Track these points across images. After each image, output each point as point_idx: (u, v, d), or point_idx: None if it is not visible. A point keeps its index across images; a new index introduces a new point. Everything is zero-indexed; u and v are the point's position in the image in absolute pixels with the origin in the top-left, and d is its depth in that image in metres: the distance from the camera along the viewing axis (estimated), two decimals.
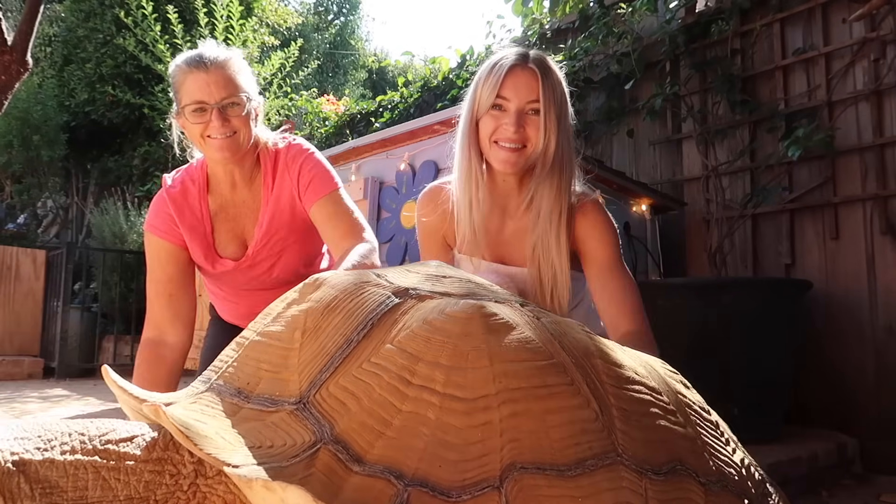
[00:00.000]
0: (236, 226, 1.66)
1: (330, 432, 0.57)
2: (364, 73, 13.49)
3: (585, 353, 0.68)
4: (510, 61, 1.34)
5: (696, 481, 0.65)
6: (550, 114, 1.31)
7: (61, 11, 7.58)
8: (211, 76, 1.49)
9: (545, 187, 1.35)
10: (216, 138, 1.51)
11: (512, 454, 0.55)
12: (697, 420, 0.75)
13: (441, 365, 0.59)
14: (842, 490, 2.07)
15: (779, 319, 2.14)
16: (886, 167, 2.39)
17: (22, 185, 7.27)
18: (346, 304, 0.69)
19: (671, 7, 2.97)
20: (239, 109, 1.52)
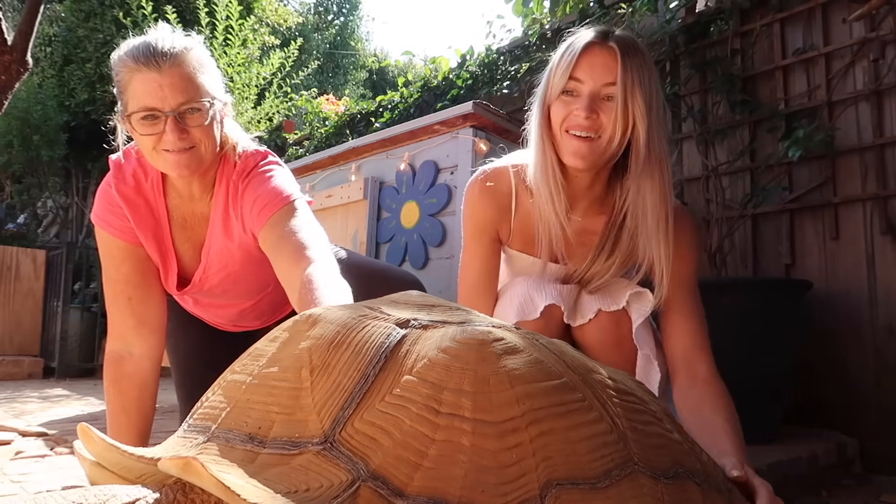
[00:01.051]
0: (193, 234, 1.44)
1: (366, 469, 0.56)
2: (364, 73, 13.50)
3: (586, 370, 0.70)
4: (586, 39, 1.17)
5: (694, 482, 0.68)
6: (634, 98, 1.13)
7: (61, 11, 7.57)
8: (165, 77, 1.20)
9: (646, 184, 1.17)
10: (172, 152, 1.24)
11: (547, 472, 0.57)
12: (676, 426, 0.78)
13: (466, 391, 0.60)
14: (842, 490, 2.07)
15: (779, 319, 2.13)
16: (886, 167, 2.39)
17: (22, 185, 7.27)
18: (352, 338, 0.67)
19: (671, 7, 2.97)
20: (200, 117, 1.24)
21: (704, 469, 0.73)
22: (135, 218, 1.36)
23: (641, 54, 1.16)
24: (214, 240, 1.41)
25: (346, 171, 3.20)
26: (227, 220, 1.39)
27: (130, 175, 1.39)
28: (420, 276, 2.34)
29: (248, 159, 1.39)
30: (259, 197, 1.32)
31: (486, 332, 0.66)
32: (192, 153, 1.26)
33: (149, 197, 1.38)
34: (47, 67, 7.47)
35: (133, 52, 1.23)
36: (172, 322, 1.62)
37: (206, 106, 1.25)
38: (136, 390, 1.36)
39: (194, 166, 1.28)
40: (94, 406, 3.43)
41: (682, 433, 0.76)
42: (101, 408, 3.30)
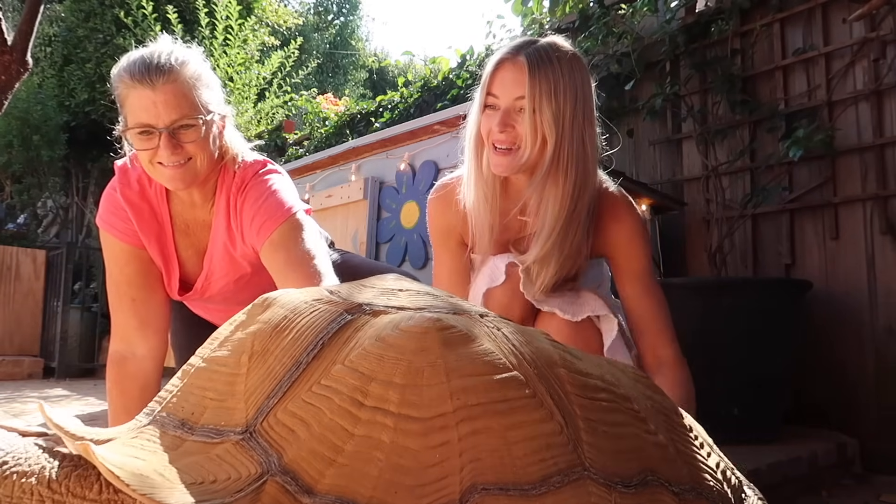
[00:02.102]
0: (195, 242, 1.46)
1: (278, 462, 0.54)
2: (364, 73, 13.50)
3: (548, 363, 0.65)
4: (500, 55, 1.23)
5: (670, 491, 0.62)
6: (542, 110, 1.17)
7: (61, 11, 7.57)
8: (158, 94, 1.22)
9: (550, 191, 1.23)
10: (167, 166, 1.26)
11: (472, 475, 0.53)
12: (670, 426, 0.72)
13: (395, 384, 0.56)
14: (842, 490, 2.07)
15: (779, 319, 2.14)
16: (886, 167, 2.39)
17: (22, 185, 7.27)
18: (296, 323, 0.65)
19: (671, 7, 2.97)
20: (194, 132, 1.26)
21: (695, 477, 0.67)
22: (139, 222, 1.38)
23: (553, 66, 1.19)
24: (216, 249, 1.42)
25: (346, 171, 3.20)
26: (229, 230, 1.41)
27: (136, 180, 1.41)
28: (420, 275, 2.34)
29: (247, 170, 1.40)
30: (258, 214, 1.34)
31: (433, 320, 0.61)
32: (187, 167, 1.28)
33: (153, 202, 1.40)
34: (47, 67, 7.46)
35: (129, 67, 1.26)
36: (177, 322, 1.63)
37: (200, 122, 1.27)
38: (139, 390, 1.38)
39: (189, 179, 1.30)
40: (94, 406, 3.43)
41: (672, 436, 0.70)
42: (101, 408, 3.30)
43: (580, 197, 1.23)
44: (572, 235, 1.25)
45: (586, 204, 1.25)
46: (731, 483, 0.75)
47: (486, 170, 1.29)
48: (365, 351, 0.59)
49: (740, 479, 0.79)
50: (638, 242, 1.31)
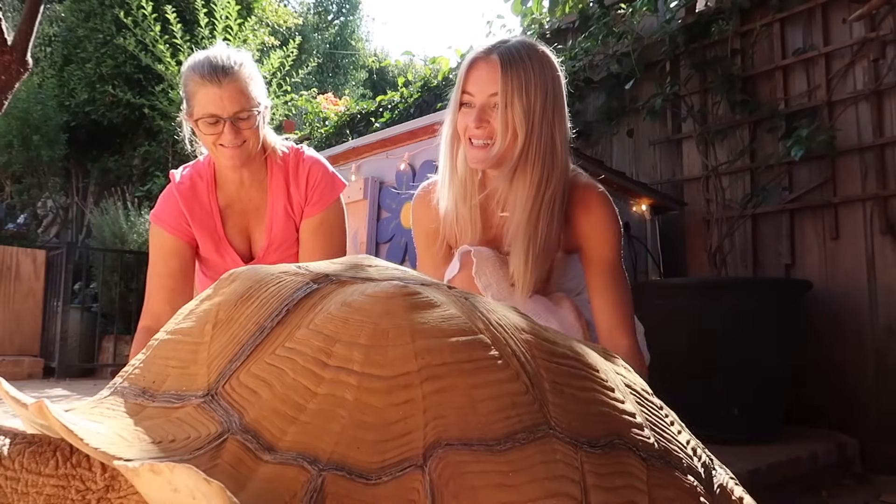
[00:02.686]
0: (242, 221, 1.71)
1: (239, 422, 0.54)
2: (364, 73, 13.50)
3: (515, 329, 0.65)
4: (474, 55, 1.29)
5: (637, 456, 0.62)
6: (513, 106, 1.23)
7: (61, 11, 7.57)
8: (224, 91, 1.51)
9: (518, 183, 1.28)
10: (228, 147, 1.55)
11: (436, 431, 0.53)
12: (639, 399, 0.72)
13: (359, 344, 0.57)
14: (842, 490, 2.07)
15: (779, 319, 2.14)
16: (886, 167, 2.39)
17: (22, 185, 7.28)
18: (261, 293, 0.66)
19: (671, 7, 2.97)
20: (250, 121, 1.55)
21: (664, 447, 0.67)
22: (189, 211, 1.64)
23: (524, 64, 1.24)
24: (276, 218, 1.68)
25: (346, 171, 3.20)
26: (289, 198, 1.67)
27: (188, 178, 1.69)
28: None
29: (296, 151, 1.71)
30: (323, 178, 1.66)
31: (399, 286, 0.62)
32: (244, 148, 1.57)
33: (201, 195, 1.68)
34: (47, 67, 7.46)
35: (199, 68, 1.54)
36: None
37: (255, 113, 1.56)
38: None
39: (244, 158, 1.59)
40: None
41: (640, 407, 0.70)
42: None
43: (547, 187, 1.27)
44: (543, 227, 1.28)
45: (554, 195, 1.28)
46: (702, 459, 0.76)
47: (461, 167, 1.34)
48: (330, 314, 0.59)
49: (711, 458, 0.80)
50: (606, 233, 1.32)
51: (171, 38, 5.93)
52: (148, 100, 6.37)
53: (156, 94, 6.24)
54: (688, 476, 0.67)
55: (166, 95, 6.15)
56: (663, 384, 2.36)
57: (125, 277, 5.37)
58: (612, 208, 1.35)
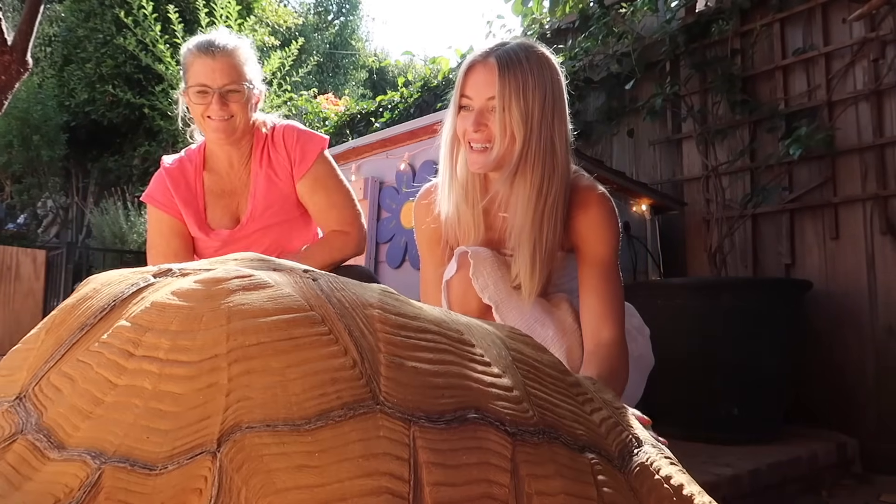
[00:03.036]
0: (231, 202, 1.76)
1: (36, 422, 0.52)
2: (364, 73, 13.50)
3: (360, 305, 0.61)
4: (472, 58, 1.29)
5: (500, 431, 0.57)
6: (511, 109, 1.22)
7: (61, 11, 7.57)
8: (217, 63, 1.59)
9: (518, 186, 1.28)
10: (214, 119, 1.61)
11: (238, 414, 0.50)
12: (536, 376, 0.67)
13: (170, 331, 0.54)
14: (842, 490, 2.07)
15: (779, 319, 2.14)
16: (886, 167, 2.39)
17: (22, 185, 7.28)
18: (99, 293, 0.63)
19: (671, 7, 2.97)
20: (239, 96, 1.61)
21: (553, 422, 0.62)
22: (175, 189, 1.70)
23: (522, 66, 1.24)
24: (258, 187, 1.72)
25: (346, 171, 3.20)
26: (269, 173, 1.72)
27: (177, 161, 1.76)
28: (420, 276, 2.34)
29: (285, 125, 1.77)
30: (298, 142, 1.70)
31: (233, 270, 0.59)
32: (230, 122, 1.62)
33: (188, 177, 1.74)
34: (47, 67, 7.46)
35: (198, 43, 1.62)
36: None
37: (245, 89, 1.62)
38: None
39: (230, 131, 1.64)
40: None
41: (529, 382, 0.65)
42: None
43: (549, 190, 1.27)
44: (547, 230, 1.27)
45: (556, 197, 1.28)
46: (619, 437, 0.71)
47: (460, 170, 1.34)
48: (150, 304, 0.57)
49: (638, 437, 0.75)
50: (604, 232, 1.32)
51: (171, 38, 5.93)
52: (148, 100, 6.37)
53: (156, 94, 6.25)
54: (585, 453, 0.63)
55: (166, 95, 6.15)
56: (663, 384, 2.36)
57: None
58: (612, 208, 1.34)
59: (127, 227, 5.92)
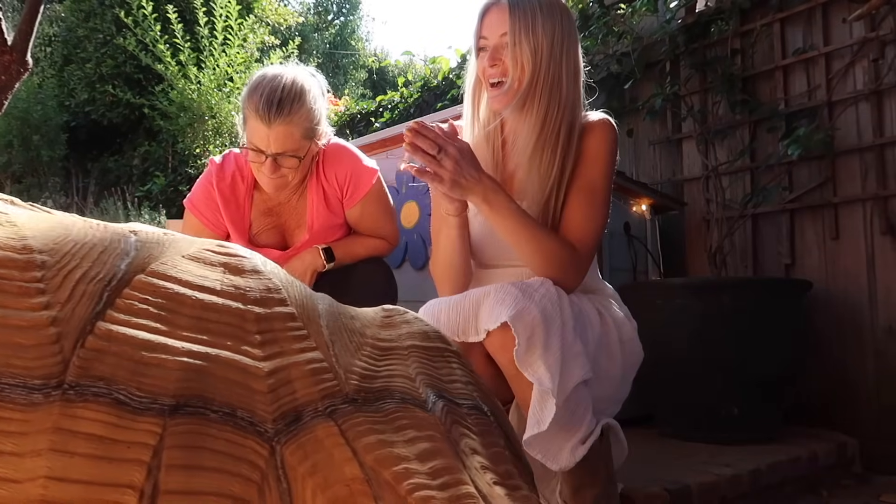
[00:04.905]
0: (279, 221, 1.79)
1: None
2: (364, 73, 13.49)
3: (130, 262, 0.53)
4: (486, 3, 1.38)
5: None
6: (521, 43, 1.31)
7: (61, 11, 7.57)
8: (272, 132, 1.54)
9: (522, 118, 1.35)
10: (266, 177, 1.61)
11: None
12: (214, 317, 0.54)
13: None
14: (842, 490, 2.07)
15: (779, 319, 2.14)
16: (886, 167, 2.39)
17: (22, 185, 7.27)
18: None
19: (671, 7, 2.97)
20: (293, 162, 1.60)
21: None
22: (225, 211, 1.71)
23: (532, 4, 1.33)
24: (317, 217, 1.74)
25: None
26: (326, 197, 1.74)
27: (230, 175, 1.72)
28: (420, 276, 2.34)
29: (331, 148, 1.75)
30: (351, 178, 1.72)
31: None
32: (282, 181, 1.62)
33: (239, 197, 1.74)
34: (47, 67, 7.46)
35: (256, 98, 1.55)
36: None
37: (300, 154, 1.60)
38: None
39: (281, 188, 1.66)
40: None
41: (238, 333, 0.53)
42: None
43: (553, 119, 1.34)
44: (548, 155, 1.33)
45: (560, 126, 1.34)
46: (293, 396, 0.53)
47: (482, 112, 1.42)
48: None
49: (446, 395, 0.64)
50: (599, 155, 1.37)
51: (171, 38, 5.92)
52: (148, 100, 6.37)
53: (156, 94, 6.24)
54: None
55: (166, 95, 6.15)
56: (663, 384, 2.36)
57: None
58: (613, 136, 1.41)
59: None
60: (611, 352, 1.33)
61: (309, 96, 1.60)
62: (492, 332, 1.16)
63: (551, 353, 1.13)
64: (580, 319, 1.26)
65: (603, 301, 1.41)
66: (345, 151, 1.75)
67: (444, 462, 0.54)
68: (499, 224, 1.28)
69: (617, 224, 2.56)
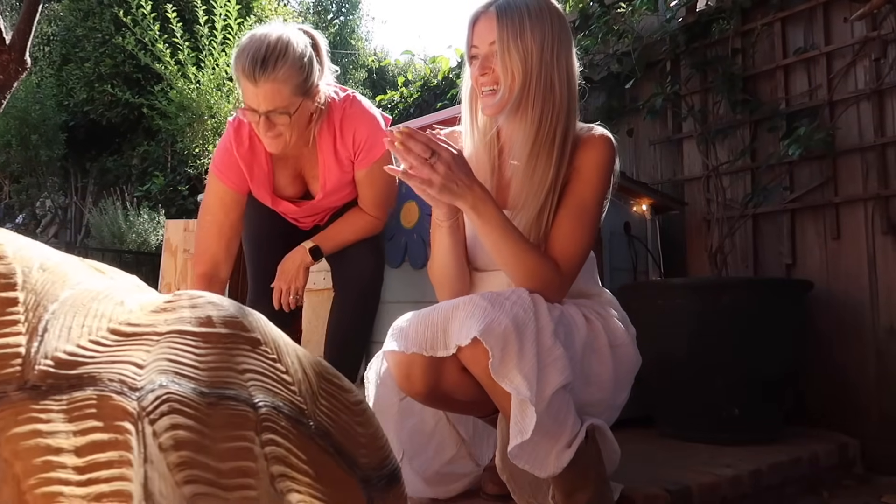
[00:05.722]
0: (295, 169, 1.83)
1: None
2: (364, 72, 13.48)
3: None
4: (474, 12, 1.38)
5: None
6: (510, 50, 1.30)
7: (60, 10, 7.56)
8: (259, 90, 1.56)
9: (517, 124, 1.34)
10: (264, 136, 1.64)
11: None
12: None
13: None
14: (843, 491, 2.06)
15: (779, 319, 2.13)
16: (888, 167, 2.39)
17: (20, 185, 7.27)
18: None
19: (672, 6, 2.96)
20: (285, 118, 1.60)
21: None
22: (249, 172, 1.75)
23: (520, 11, 1.32)
24: (330, 175, 1.77)
25: None
26: (336, 154, 1.76)
27: (247, 136, 1.75)
28: (420, 275, 2.33)
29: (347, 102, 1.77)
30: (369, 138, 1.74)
31: None
32: (279, 140, 1.64)
33: (260, 157, 1.76)
34: (46, 67, 7.45)
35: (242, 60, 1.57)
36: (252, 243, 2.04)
37: (291, 111, 1.60)
38: None
39: (280, 147, 1.67)
40: None
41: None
42: None
43: (547, 125, 1.33)
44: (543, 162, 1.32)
45: (555, 132, 1.32)
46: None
47: (480, 120, 1.42)
48: None
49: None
50: (594, 172, 1.35)
51: (170, 38, 5.91)
52: (147, 99, 6.35)
53: (155, 94, 6.23)
54: None
55: (165, 95, 6.13)
56: (663, 384, 2.35)
57: None
58: (611, 154, 1.38)
59: (126, 227, 5.90)
60: (601, 357, 1.31)
61: (295, 52, 1.59)
62: (463, 347, 1.13)
63: (526, 360, 1.11)
64: (563, 323, 1.24)
65: (595, 306, 1.40)
66: (366, 114, 1.78)
67: (111, 455, 0.48)
68: (484, 234, 1.27)
69: (617, 224, 2.55)
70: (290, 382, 0.62)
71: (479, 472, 1.47)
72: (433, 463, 1.41)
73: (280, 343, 0.65)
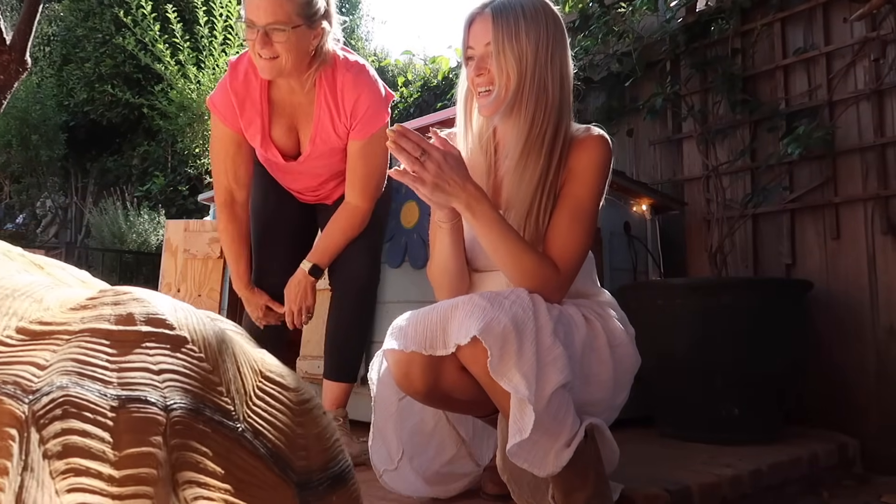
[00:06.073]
0: (291, 121, 1.79)
1: None
2: None
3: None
4: (470, 13, 1.39)
5: None
6: (505, 51, 1.31)
7: (60, 11, 7.56)
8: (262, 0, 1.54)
9: (510, 123, 1.35)
10: (260, 57, 1.59)
11: None
12: None
13: None
14: (843, 491, 2.06)
15: (779, 319, 2.13)
16: (887, 167, 2.39)
17: (21, 185, 7.27)
18: None
19: (671, 6, 2.97)
20: (283, 36, 1.56)
21: None
22: (241, 110, 1.72)
23: (515, 12, 1.33)
24: (321, 132, 1.75)
25: None
26: (331, 115, 1.73)
27: (243, 73, 1.73)
28: (420, 275, 2.33)
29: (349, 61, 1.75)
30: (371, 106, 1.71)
31: None
32: (275, 63, 1.59)
33: (254, 94, 1.74)
34: (46, 67, 7.45)
35: None
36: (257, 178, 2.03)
37: (289, 29, 1.55)
38: (244, 229, 1.87)
39: (275, 72, 1.62)
40: None
41: None
42: None
43: (540, 124, 1.33)
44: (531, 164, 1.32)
45: (548, 131, 1.33)
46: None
47: (475, 121, 1.43)
48: None
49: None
50: (590, 172, 1.35)
51: (170, 38, 5.91)
52: (147, 99, 6.36)
53: (155, 94, 6.23)
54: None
55: (165, 95, 6.14)
56: (663, 384, 2.35)
57: (124, 278, 5.37)
58: (607, 154, 1.37)
59: (126, 227, 5.91)
60: (600, 356, 1.31)
61: None
62: (462, 346, 1.13)
63: (525, 360, 1.11)
64: (563, 322, 1.24)
65: (594, 306, 1.39)
66: (373, 86, 1.73)
67: None
68: (481, 233, 1.27)
69: (617, 224, 2.55)
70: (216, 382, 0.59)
71: (479, 472, 1.47)
72: (433, 463, 1.42)
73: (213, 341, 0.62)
